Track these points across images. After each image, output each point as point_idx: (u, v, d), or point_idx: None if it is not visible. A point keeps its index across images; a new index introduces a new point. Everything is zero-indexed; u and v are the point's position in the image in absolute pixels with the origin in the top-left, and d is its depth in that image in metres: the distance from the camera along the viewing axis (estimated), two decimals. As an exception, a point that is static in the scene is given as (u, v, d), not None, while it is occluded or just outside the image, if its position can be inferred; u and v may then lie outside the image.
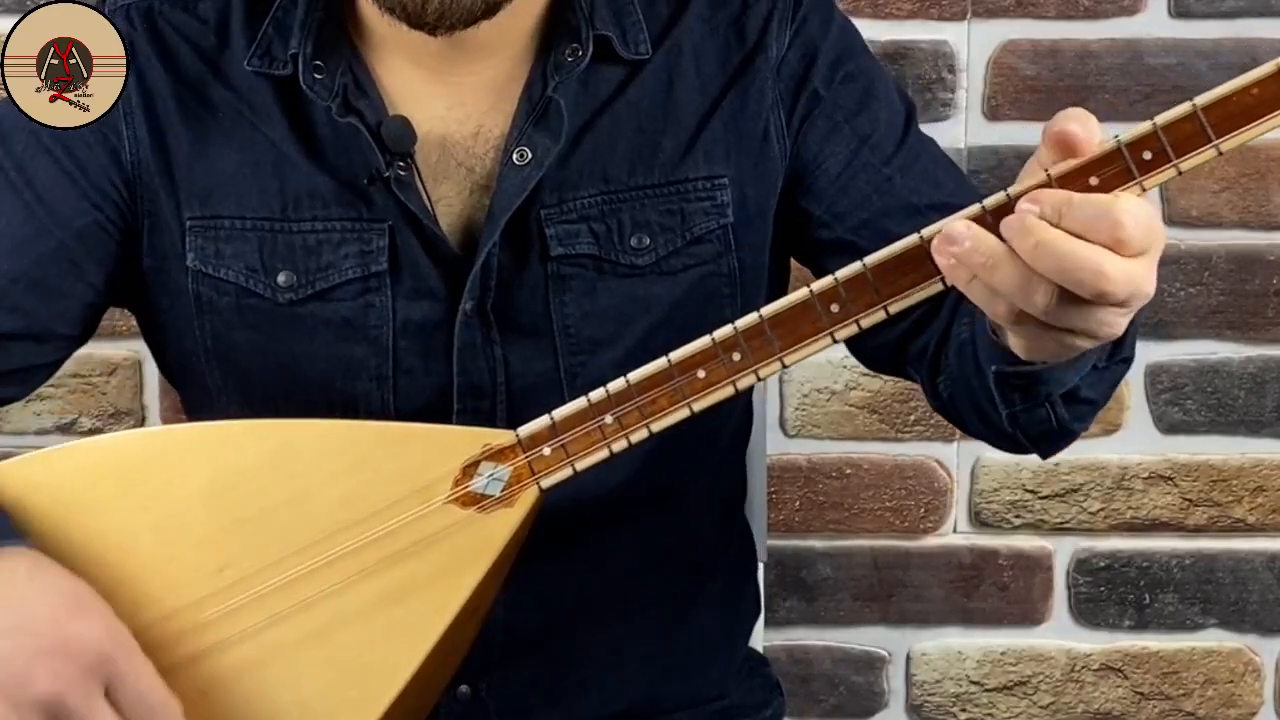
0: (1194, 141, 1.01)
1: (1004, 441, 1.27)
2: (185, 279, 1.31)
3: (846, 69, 1.35)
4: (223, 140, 1.30)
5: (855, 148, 1.34)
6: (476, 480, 1.17)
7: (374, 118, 1.28)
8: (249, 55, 1.30)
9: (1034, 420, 1.19)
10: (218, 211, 1.30)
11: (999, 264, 1.00)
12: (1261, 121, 1.01)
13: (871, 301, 1.08)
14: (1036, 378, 1.14)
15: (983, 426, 1.26)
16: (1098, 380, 1.17)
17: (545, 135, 1.29)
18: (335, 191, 1.30)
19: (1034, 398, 1.16)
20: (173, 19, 1.32)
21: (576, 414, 1.15)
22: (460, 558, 1.16)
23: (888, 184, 1.33)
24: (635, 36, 1.32)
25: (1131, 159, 1.01)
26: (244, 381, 1.33)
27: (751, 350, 1.12)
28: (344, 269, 1.30)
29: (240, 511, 1.17)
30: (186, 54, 1.31)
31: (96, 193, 1.30)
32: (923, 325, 1.30)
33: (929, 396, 1.32)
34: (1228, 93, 1.01)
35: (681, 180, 1.32)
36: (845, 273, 1.09)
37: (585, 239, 1.30)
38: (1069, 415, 1.19)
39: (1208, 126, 1.01)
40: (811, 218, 1.34)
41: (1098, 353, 1.12)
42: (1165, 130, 1.01)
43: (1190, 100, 1.01)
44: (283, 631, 1.17)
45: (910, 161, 1.34)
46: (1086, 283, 0.97)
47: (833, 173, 1.34)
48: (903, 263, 1.07)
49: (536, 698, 1.37)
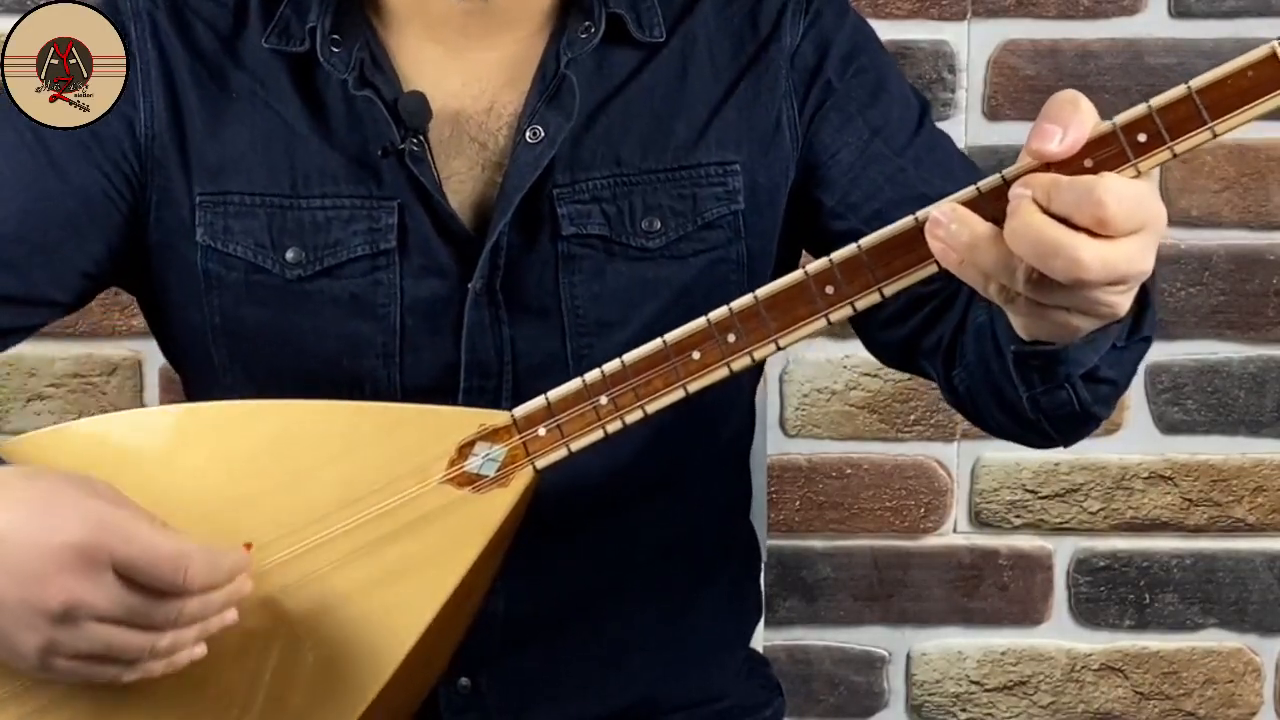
0: (1189, 124, 1.01)
1: (1026, 430, 1.25)
2: (194, 254, 1.31)
3: (859, 62, 1.36)
4: (236, 119, 1.31)
5: (868, 138, 1.34)
6: (472, 460, 1.17)
7: (390, 93, 1.29)
8: (267, 34, 1.32)
9: (1055, 403, 1.18)
10: (227, 188, 1.31)
11: (980, 245, 1.00)
12: (1256, 104, 1.01)
13: (867, 283, 1.09)
14: (1055, 357, 1.13)
15: (1003, 416, 1.25)
16: (1118, 360, 1.16)
17: (558, 113, 1.30)
18: (345, 169, 1.30)
19: (1054, 378, 1.16)
20: (192, 1, 1.33)
21: (572, 395, 1.15)
22: (455, 538, 1.16)
23: (900, 174, 1.33)
24: (650, 20, 1.34)
25: (1126, 141, 1.01)
26: (250, 359, 1.33)
27: (747, 332, 1.12)
28: (352, 246, 1.30)
29: (236, 492, 1.18)
30: (205, 33, 1.33)
31: (108, 162, 1.31)
32: (936, 318, 1.30)
33: (945, 391, 1.32)
34: (1223, 75, 1.01)
35: (694, 165, 1.33)
36: (840, 254, 1.09)
37: (597, 219, 1.31)
38: (1090, 397, 1.18)
39: (1203, 109, 1.01)
40: (824, 208, 1.35)
41: (1116, 331, 1.12)
42: (1160, 112, 1.01)
43: (1185, 83, 1.01)
44: (279, 611, 1.17)
45: (924, 153, 1.35)
46: (1059, 269, 0.97)
47: (845, 163, 1.34)
48: (898, 244, 1.08)
49: (537, 693, 1.37)
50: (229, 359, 1.34)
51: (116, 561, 1.07)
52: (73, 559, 1.07)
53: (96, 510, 1.09)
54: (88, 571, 1.07)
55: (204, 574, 1.09)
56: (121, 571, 1.08)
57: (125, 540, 1.08)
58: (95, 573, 1.08)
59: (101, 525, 1.08)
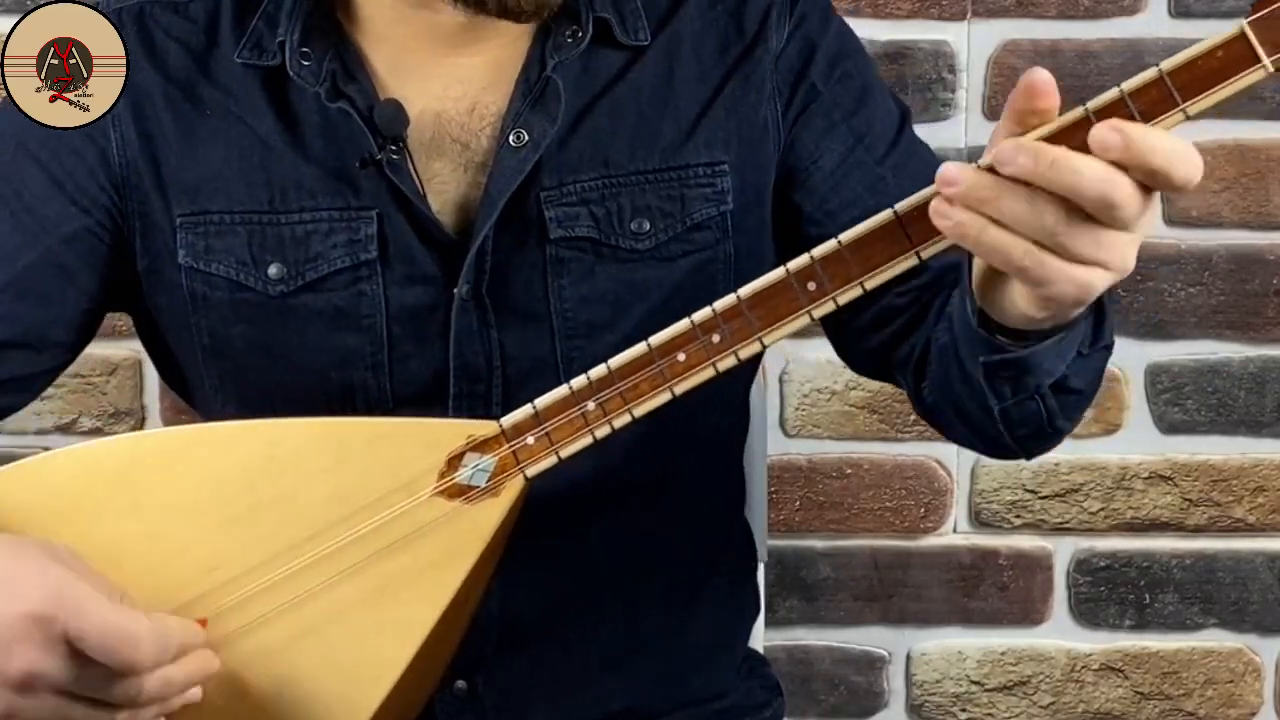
0: (1162, 106, 1.01)
1: (988, 445, 1.27)
2: (179, 277, 1.31)
3: (844, 67, 1.36)
4: (210, 137, 1.31)
5: (850, 146, 1.34)
6: (462, 472, 1.17)
7: (365, 102, 1.29)
8: (239, 49, 1.31)
9: (1026, 415, 1.19)
10: (206, 207, 1.30)
11: (1003, 192, 1.00)
12: (1227, 84, 1.01)
13: (848, 278, 1.09)
14: (1025, 366, 1.14)
15: (966, 431, 1.27)
16: (1084, 369, 1.18)
17: (542, 117, 1.29)
18: (322, 181, 1.30)
19: (1024, 389, 1.17)
20: (162, 20, 1.33)
21: (559, 402, 1.15)
22: (448, 550, 1.16)
23: (880, 183, 1.33)
24: (634, 24, 1.33)
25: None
26: (240, 377, 1.33)
27: (730, 331, 1.12)
28: (333, 259, 1.30)
29: (229, 512, 1.17)
30: (176, 54, 1.32)
31: (85, 198, 1.31)
32: (909, 330, 1.31)
33: (914, 402, 1.33)
34: (1193, 56, 1.01)
35: (682, 166, 1.32)
36: (821, 250, 1.10)
37: (585, 222, 1.31)
38: (1059, 408, 1.20)
39: (1175, 91, 1.01)
40: (801, 213, 1.35)
41: (1080, 337, 1.14)
42: (1132, 96, 1.01)
43: (1156, 65, 1.01)
44: (275, 630, 1.17)
45: (903, 162, 1.35)
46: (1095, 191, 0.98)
47: (827, 169, 1.34)
48: (877, 238, 1.08)
49: (533, 695, 1.37)
50: (219, 379, 1.34)
51: (69, 636, 1.07)
52: (30, 629, 1.07)
53: (56, 581, 1.08)
54: (43, 643, 1.07)
55: (153, 655, 1.09)
56: (74, 646, 1.07)
57: (77, 615, 1.07)
58: (50, 644, 1.07)
59: (59, 598, 1.07)
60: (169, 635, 1.11)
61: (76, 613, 1.07)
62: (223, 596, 1.17)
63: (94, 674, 1.08)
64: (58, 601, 1.07)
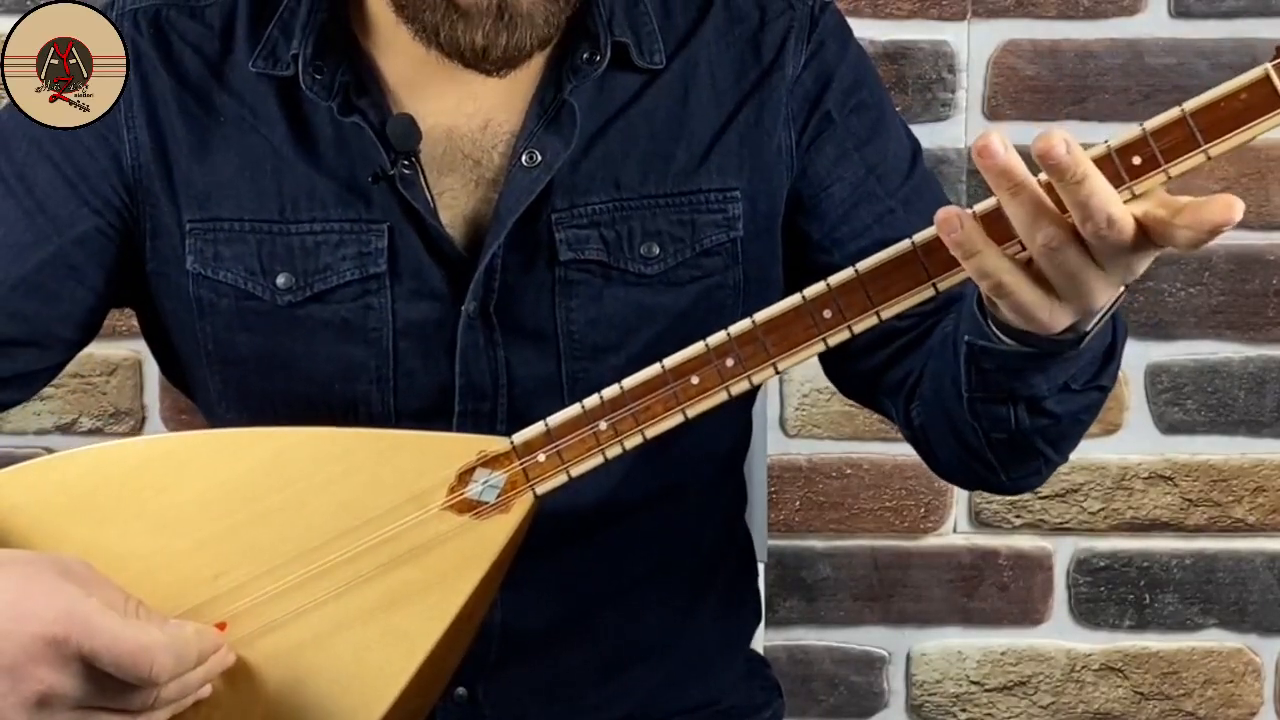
0: (1183, 147, 1.01)
1: (972, 459, 1.26)
2: (186, 282, 1.31)
3: (860, 97, 1.36)
4: (223, 144, 1.31)
5: (863, 176, 1.34)
6: (472, 487, 1.17)
7: (377, 116, 1.29)
8: (254, 57, 1.31)
9: (995, 418, 1.19)
10: (216, 214, 1.30)
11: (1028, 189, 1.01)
12: (1250, 127, 1.01)
13: (864, 307, 1.10)
14: (1003, 364, 1.14)
15: (954, 443, 1.26)
16: (1067, 400, 1.18)
17: (556, 138, 1.29)
18: (334, 193, 1.30)
19: (996, 386, 1.17)
20: (178, 24, 1.33)
21: (571, 420, 1.15)
22: (456, 564, 1.16)
23: (890, 215, 1.33)
24: (650, 46, 1.33)
25: (1121, 164, 1.02)
26: (244, 385, 1.33)
27: (745, 356, 1.12)
28: (342, 271, 1.30)
29: (235, 519, 1.17)
30: (191, 58, 1.32)
31: (97, 198, 1.31)
32: (906, 353, 1.31)
33: (901, 425, 1.33)
34: (1216, 98, 1.01)
35: (694, 191, 1.32)
36: (838, 278, 1.10)
37: (595, 245, 1.30)
38: (1030, 424, 1.20)
39: (1197, 132, 1.01)
40: (810, 241, 1.35)
41: (1074, 370, 1.14)
42: (1155, 135, 1.01)
43: (1180, 105, 1.01)
44: (279, 638, 1.17)
45: (913, 196, 1.35)
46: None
47: (838, 198, 1.34)
48: (895, 268, 1.09)
49: (533, 702, 1.37)
50: (222, 385, 1.34)
51: (82, 654, 1.07)
52: (44, 649, 1.07)
53: (67, 599, 1.08)
54: (57, 662, 1.07)
55: (170, 666, 1.09)
56: (88, 664, 1.07)
57: (89, 634, 1.06)
58: (64, 663, 1.07)
59: (70, 616, 1.07)
60: (185, 645, 1.11)
61: (89, 632, 1.07)
62: (228, 603, 1.17)
63: (110, 687, 1.08)
64: (69, 621, 1.07)
